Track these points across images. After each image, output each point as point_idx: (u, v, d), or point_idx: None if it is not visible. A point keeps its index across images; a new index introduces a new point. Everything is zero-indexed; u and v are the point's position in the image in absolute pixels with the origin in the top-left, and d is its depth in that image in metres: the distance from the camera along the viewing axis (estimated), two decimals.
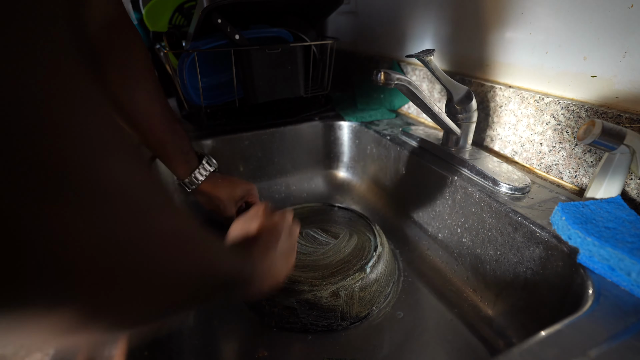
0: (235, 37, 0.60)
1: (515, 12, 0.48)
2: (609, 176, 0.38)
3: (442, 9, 0.60)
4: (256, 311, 0.45)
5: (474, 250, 0.47)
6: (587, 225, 0.33)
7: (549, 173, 0.47)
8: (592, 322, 0.27)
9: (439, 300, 0.47)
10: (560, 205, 0.36)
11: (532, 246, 0.39)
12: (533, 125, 0.48)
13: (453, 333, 0.43)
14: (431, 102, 0.45)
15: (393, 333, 0.43)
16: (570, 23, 0.42)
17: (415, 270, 0.53)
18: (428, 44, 0.65)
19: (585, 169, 0.43)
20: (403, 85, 0.41)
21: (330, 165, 0.78)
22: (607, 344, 0.25)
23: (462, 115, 0.51)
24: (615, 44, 0.39)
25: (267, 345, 0.42)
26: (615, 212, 0.35)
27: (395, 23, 0.73)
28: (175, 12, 0.80)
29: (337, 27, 0.97)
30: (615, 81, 0.39)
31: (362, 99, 0.80)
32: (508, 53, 0.50)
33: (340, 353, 0.41)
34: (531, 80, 0.48)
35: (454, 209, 0.50)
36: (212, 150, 0.66)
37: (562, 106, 0.44)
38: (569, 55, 0.43)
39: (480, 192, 0.45)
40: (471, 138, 0.53)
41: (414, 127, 0.65)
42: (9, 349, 0.25)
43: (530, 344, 0.25)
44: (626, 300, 0.29)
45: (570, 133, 0.44)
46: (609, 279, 0.31)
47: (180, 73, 0.65)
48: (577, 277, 0.33)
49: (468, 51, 0.57)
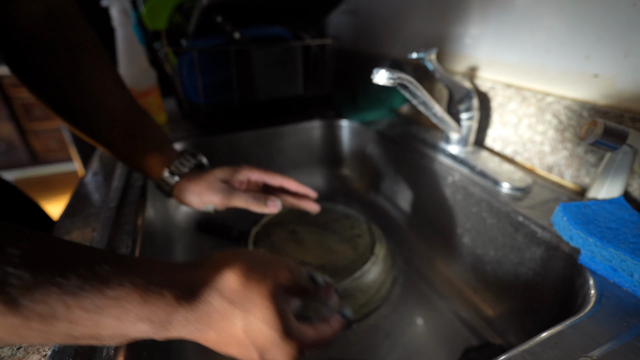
0: (235, 36, 0.60)
1: (517, 10, 0.48)
2: (611, 176, 0.37)
3: (442, 9, 0.60)
4: None
5: (475, 250, 0.47)
6: (589, 226, 0.33)
7: (550, 173, 0.47)
8: (594, 323, 0.27)
9: (439, 301, 0.47)
10: (562, 205, 0.36)
11: (533, 247, 0.39)
12: (534, 125, 0.48)
13: (453, 334, 0.43)
14: (432, 101, 0.45)
15: (393, 333, 0.43)
16: (572, 22, 0.42)
17: (415, 270, 0.52)
18: (429, 43, 0.65)
19: (587, 169, 0.43)
20: (403, 84, 0.41)
21: (330, 164, 0.78)
22: (609, 345, 0.25)
23: (463, 115, 0.51)
24: (617, 43, 0.38)
25: None
26: (617, 212, 0.35)
27: (395, 22, 0.73)
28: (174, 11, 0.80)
29: (338, 27, 0.96)
30: (617, 80, 0.39)
31: (362, 99, 0.80)
32: (509, 52, 0.50)
33: (340, 353, 0.41)
34: (532, 80, 0.48)
35: (454, 209, 0.50)
36: (211, 150, 0.66)
37: (563, 106, 0.43)
38: (570, 55, 0.43)
39: (481, 192, 0.45)
40: (472, 138, 0.53)
41: (414, 126, 0.65)
42: (6, 350, 0.24)
43: (531, 345, 0.25)
44: (628, 302, 0.29)
45: (572, 133, 0.43)
46: (611, 280, 0.31)
47: (180, 72, 0.65)
48: (578, 278, 0.33)
49: (469, 50, 0.56)
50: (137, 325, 0.21)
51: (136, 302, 0.20)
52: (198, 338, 0.23)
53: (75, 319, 0.19)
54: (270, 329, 0.23)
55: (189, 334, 0.23)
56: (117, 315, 0.20)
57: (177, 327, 0.22)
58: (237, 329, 0.23)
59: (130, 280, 0.20)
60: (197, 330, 0.23)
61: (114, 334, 0.20)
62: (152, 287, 0.21)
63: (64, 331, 0.19)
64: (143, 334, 0.21)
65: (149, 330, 0.21)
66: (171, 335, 0.22)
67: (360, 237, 0.51)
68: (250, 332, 0.23)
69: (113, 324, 0.20)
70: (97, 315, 0.19)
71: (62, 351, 0.24)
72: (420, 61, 0.50)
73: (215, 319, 0.23)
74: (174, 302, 0.22)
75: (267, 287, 0.24)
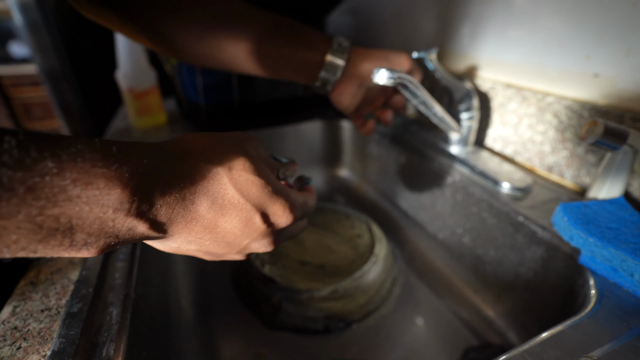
0: None
1: (517, 10, 0.48)
2: (611, 176, 0.37)
3: (442, 8, 0.60)
4: (255, 311, 0.45)
5: (475, 250, 0.47)
6: (589, 226, 0.33)
7: (550, 173, 0.47)
8: (594, 323, 0.27)
9: (439, 301, 0.47)
10: (562, 205, 0.36)
11: (533, 247, 0.38)
12: (534, 125, 0.48)
13: (453, 334, 0.43)
14: (432, 101, 0.45)
15: (393, 333, 0.43)
16: (573, 21, 0.42)
17: (415, 271, 0.52)
18: (429, 43, 0.65)
19: (587, 169, 0.42)
20: (403, 84, 0.41)
21: (330, 164, 0.78)
22: (609, 346, 0.25)
23: (463, 115, 0.51)
24: (618, 42, 0.38)
25: (267, 346, 0.42)
26: (617, 212, 0.35)
27: (395, 22, 0.73)
28: None
29: (338, 27, 0.96)
30: (618, 80, 0.39)
31: None
32: (509, 52, 0.50)
33: (340, 353, 0.41)
34: (532, 80, 0.48)
35: (454, 209, 0.50)
36: None
37: (564, 106, 0.43)
38: (571, 54, 0.43)
39: (481, 192, 0.45)
40: (472, 138, 0.53)
41: (414, 126, 0.65)
42: (6, 350, 0.24)
43: (532, 345, 0.25)
44: (629, 302, 0.29)
45: (572, 133, 0.43)
46: (612, 280, 0.31)
47: (180, 72, 0.65)
48: (579, 278, 0.33)
49: (469, 50, 0.56)
50: (111, 196, 0.17)
51: (100, 159, 0.17)
52: (191, 217, 0.20)
53: (31, 185, 0.15)
54: (258, 177, 0.22)
55: (180, 214, 0.20)
56: (82, 177, 0.16)
57: (161, 197, 0.19)
58: (226, 187, 0.21)
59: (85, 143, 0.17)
60: (184, 201, 0.20)
61: (91, 218, 0.17)
62: (111, 149, 0.18)
63: (24, 209, 0.15)
64: (126, 216, 0.18)
65: (128, 204, 0.17)
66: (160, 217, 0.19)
67: (360, 237, 0.51)
68: (240, 187, 0.21)
69: (82, 194, 0.16)
70: (59, 180, 0.15)
71: (62, 351, 0.24)
72: (420, 61, 0.50)
73: (199, 181, 0.20)
74: (145, 162, 0.19)
75: (237, 144, 0.23)
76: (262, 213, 0.22)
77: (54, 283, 0.30)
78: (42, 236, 0.16)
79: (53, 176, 0.15)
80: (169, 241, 0.22)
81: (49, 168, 0.15)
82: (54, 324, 0.26)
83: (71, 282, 0.30)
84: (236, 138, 0.24)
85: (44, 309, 0.28)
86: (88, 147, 0.17)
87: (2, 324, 0.26)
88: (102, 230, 0.18)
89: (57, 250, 0.17)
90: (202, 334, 0.43)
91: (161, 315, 0.39)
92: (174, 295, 0.45)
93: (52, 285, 0.30)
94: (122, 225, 0.18)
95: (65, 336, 0.25)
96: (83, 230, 0.17)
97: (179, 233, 0.21)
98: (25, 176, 0.15)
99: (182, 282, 0.49)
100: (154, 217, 0.19)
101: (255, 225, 0.22)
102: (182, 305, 0.45)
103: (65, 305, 0.28)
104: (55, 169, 0.15)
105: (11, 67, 2.04)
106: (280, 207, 0.23)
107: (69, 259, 0.33)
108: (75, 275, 0.31)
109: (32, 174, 0.15)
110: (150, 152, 0.19)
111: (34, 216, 0.15)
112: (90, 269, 0.31)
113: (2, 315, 0.27)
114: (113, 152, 0.17)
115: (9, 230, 0.15)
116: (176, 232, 0.21)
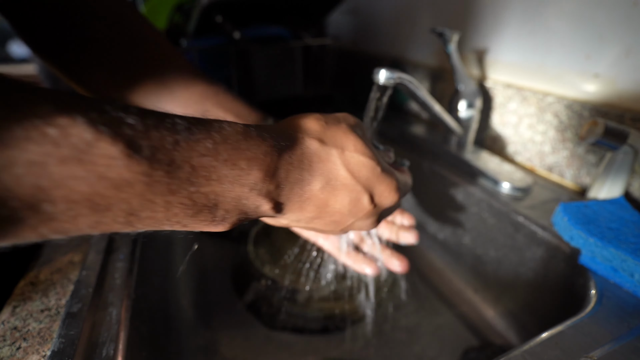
0: (235, 36, 0.60)
1: (517, 10, 0.48)
2: (611, 176, 0.37)
3: (442, 8, 0.60)
4: (255, 311, 0.45)
5: (475, 250, 0.47)
6: (589, 226, 0.33)
7: (550, 173, 0.47)
8: (594, 323, 0.26)
9: (439, 301, 0.47)
10: (562, 205, 0.36)
11: (533, 247, 0.38)
12: (535, 125, 0.48)
13: (453, 334, 0.43)
14: (432, 101, 0.45)
15: (393, 333, 0.43)
16: (573, 21, 0.42)
17: (415, 271, 0.52)
18: (428, 42, 0.65)
19: (587, 168, 0.42)
20: (404, 84, 0.41)
21: None
22: (609, 346, 0.25)
23: (463, 115, 0.50)
24: (618, 42, 0.38)
25: (267, 346, 0.42)
26: (618, 212, 0.35)
27: (396, 22, 0.73)
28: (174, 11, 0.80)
29: (338, 27, 0.96)
30: (618, 80, 0.39)
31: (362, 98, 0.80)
32: (509, 52, 0.50)
33: (339, 353, 0.41)
34: (533, 79, 0.48)
35: (454, 209, 0.50)
36: None
37: (564, 105, 0.43)
38: (571, 54, 0.43)
39: (481, 192, 0.45)
40: (472, 137, 0.52)
41: (414, 126, 0.65)
42: (5, 350, 0.24)
43: (532, 345, 0.25)
44: (629, 302, 0.28)
45: (572, 133, 0.43)
46: (612, 280, 0.31)
47: None
48: (579, 278, 0.33)
49: (469, 50, 0.56)
50: (250, 175, 0.18)
51: (243, 140, 0.18)
52: (306, 197, 0.21)
53: (194, 164, 0.16)
54: (369, 159, 0.22)
55: (297, 194, 0.21)
56: (230, 157, 0.18)
57: (285, 177, 0.20)
58: (339, 168, 0.22)
59: (229, 125, 0.19)
60: (302, 181, 0.21)
61: (231, 196, 0.18)
62: (251, 131, 0.19)
63: (186, 186, 0.16)
64: (257, 195, 0.19)
65: (260, 184, 0.19)
66: (281, 197, 0.20)
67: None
68: (352, 168, 0.22)
69: (229, 174, 0.18)
70: (214, 161, 0.17)
71: (62, 351, 0.24)
72: (439, 38, 0.48)
73: (315, 162, 0.21)
74: (274, 143, 0.20)
75: (346, 125, 0.24)
76: (370, 193, 0.23)
77: (53, 283, 0.30)
78: (194, 211, 0.17)
79: (211, 156, 0.17)
80: (280, 218, 0.23)
81: (208, 149, 0.17)
82: (53, 324, 0.26)
83: (71, 282, 0.30)
84: (344, 119, 0.25)
85: (44, 309, 0.28)
86: (233, 129, 0.18)
87: (2, 324, 0.26)
88: (236, 207, 0.19)
89: (202, 225, 0.19)
90: (202, 334, 0.43)
91: (161, 315, 0.38)
92: (174, 295, 0.45)
93: (52, 285, 0.30)
94: (252, 203, 0.19)
95: (65, 336, 0.25)
96: (223, 207, 0.18)
97: (293, 211, 0.22)
98: (190, 155, 0.16)
99: (182, 282, 0.49)
100: (277, 197, 0.20)
101: (363, 205, 0.23)
102: (182, 305, 0.45)
103: (65, 305, 0.28)
104: (212, 150, 0.17)
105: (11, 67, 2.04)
106: (387, 187, 0.24)
107: (69, 259, 0.33)
108: (75, 275, 0.31)
109: (196, 153, 0.16)
110: (276, 134, 0.20)
111: (192, 192, 0.17)
112: (90, 269, 0.31)
113: (2, 315, 0.27)
114: (252, 135, 0.19)
115: (172, 204, 0.16)
116: (290, 210, 0.22)
